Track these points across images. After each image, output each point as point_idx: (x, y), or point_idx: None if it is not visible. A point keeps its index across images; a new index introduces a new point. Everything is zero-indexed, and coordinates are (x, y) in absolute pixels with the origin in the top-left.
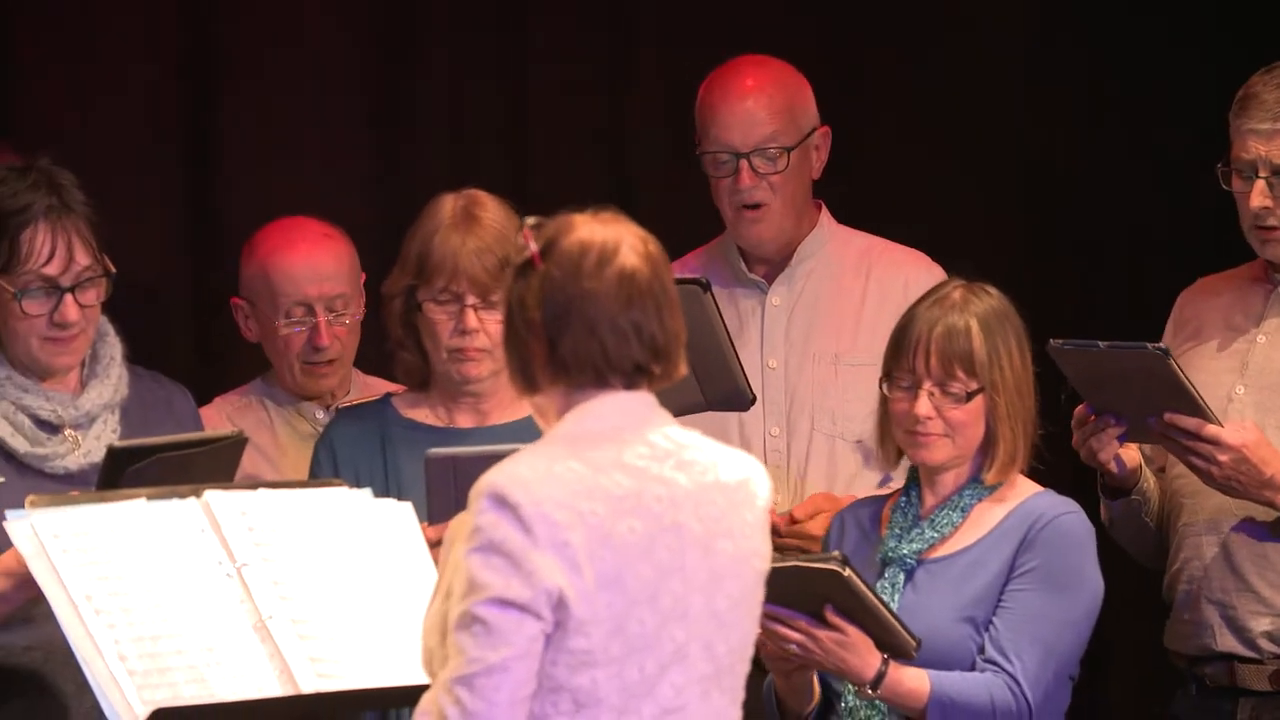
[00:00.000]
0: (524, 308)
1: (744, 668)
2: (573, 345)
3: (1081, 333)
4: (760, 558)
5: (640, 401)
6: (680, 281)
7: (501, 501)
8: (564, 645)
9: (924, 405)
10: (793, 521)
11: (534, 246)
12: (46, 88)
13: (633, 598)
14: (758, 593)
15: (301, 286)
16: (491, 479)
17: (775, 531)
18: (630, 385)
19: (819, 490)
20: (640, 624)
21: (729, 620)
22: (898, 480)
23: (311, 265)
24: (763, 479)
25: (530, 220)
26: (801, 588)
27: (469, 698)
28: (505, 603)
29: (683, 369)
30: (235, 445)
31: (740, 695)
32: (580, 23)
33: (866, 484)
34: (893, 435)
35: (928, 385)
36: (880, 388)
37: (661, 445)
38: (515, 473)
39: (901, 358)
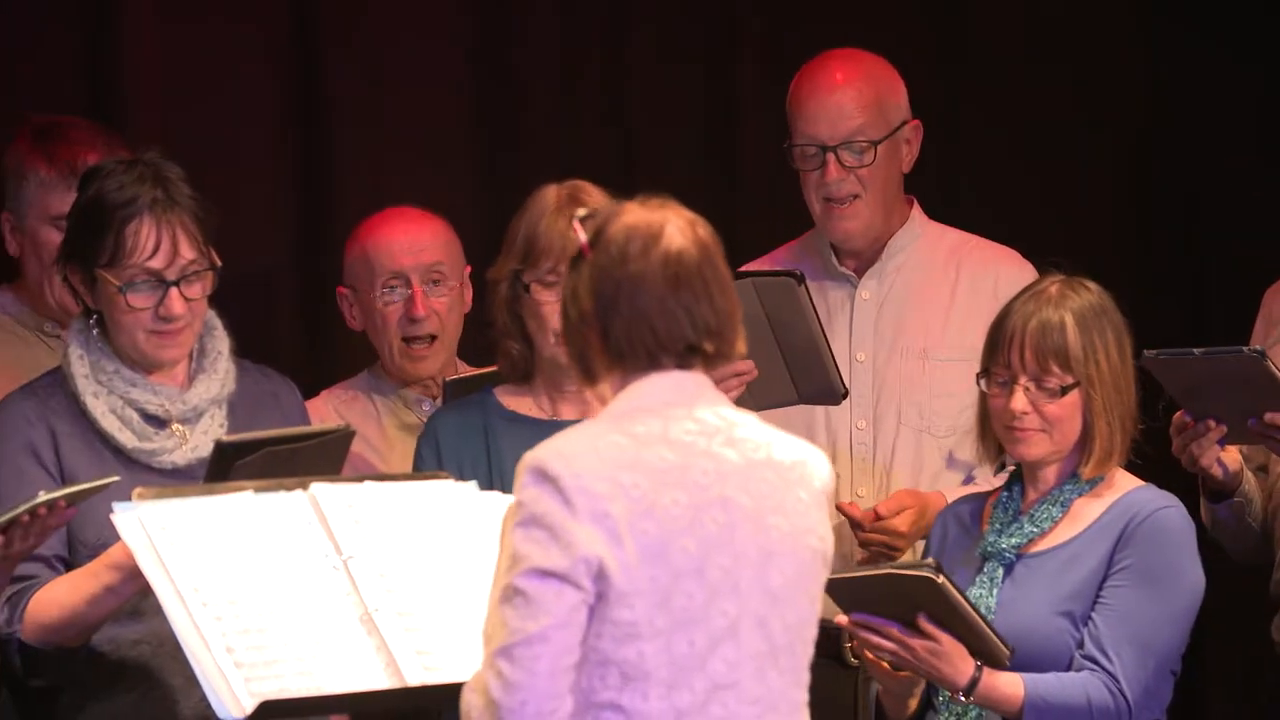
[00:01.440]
0: (577, 299)
1: (804, 649)
2: (624, 329)
3: (1187, 333)
4: (817, 536)
5: (692, 380)
6: (774, 274)
7: (542, 475)
8: (607, 617)
9: (1019, 400)
10: (877, 518)
11: (583, 237)
12: (157, 82)
13: (677, 570)
14: (816, 572)
15: (397, 257)
16: (534, 454)
17: (859, 526)
18: (683, 365)
19: (904, 484)
20: (688, 597)
21: (784, 598)
22: (981, 475)
23: (408, 237)
24: (821, 462)
25: (580, 212)
26: (895, 595)
27: (509, 668)
28: (544, 573)
29: (741, 347)
30: (343, 439)
31: (803, 678)
32: (686, 9)
33: (952, 479)
34: (992, 431)
35: (1023, 380)
36: (978, 383)
37: (711, 422)
38: (557, 447)
39: (997, 353)
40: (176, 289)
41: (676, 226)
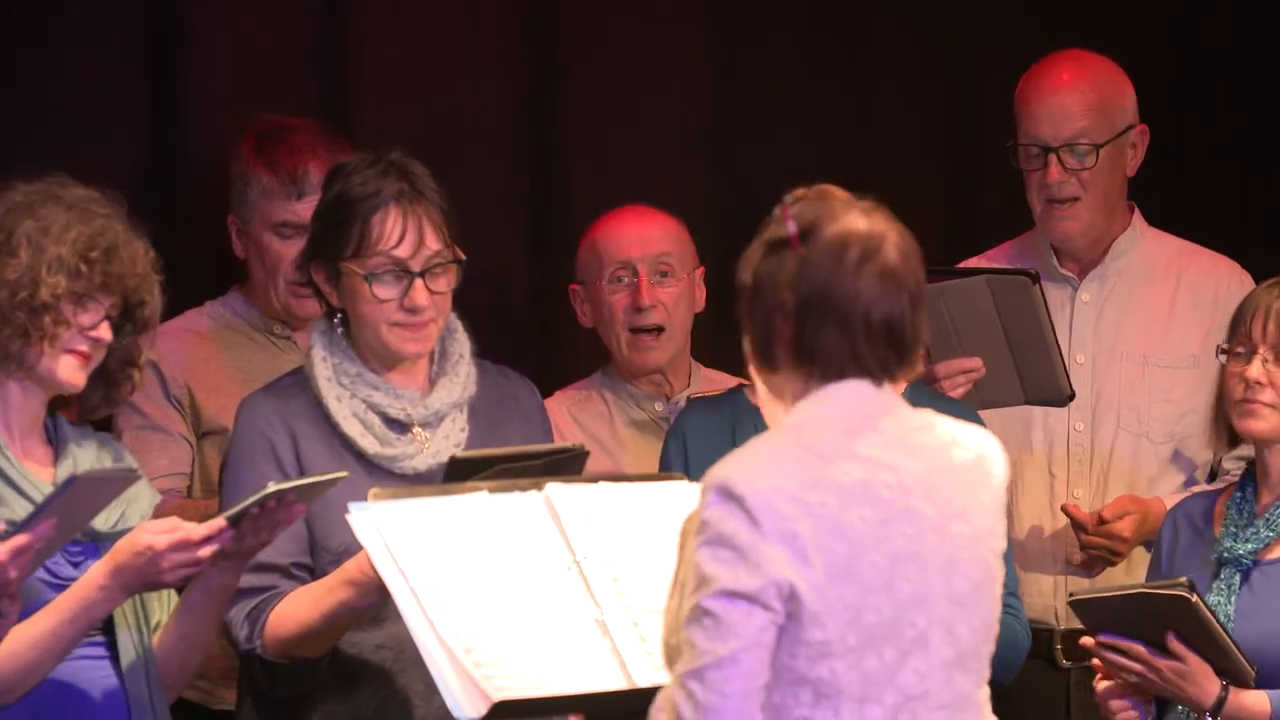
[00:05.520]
0: (775, 287)
1: (988, 649)
2: (822, 338)
3: None
4: (996, 538)
5: (869, 389)
6: (1009, 272)
7: (728, 494)
8: (800, 637)
9: (1256, 368)
10: (1100, 522)
11: (793, 227)
12: (389, 81)
13: (867, 587)
14: (996, 574)
15: (624, 248)
16: (719, 472)
17: (1083, 529)
18: (872, 381)
19: (1121, 488)
20: (876, 612)
21: (969, 603)
22: (1200, 479)
23: (635, 229)
24: (998, 457)
25: (789, 197)
26: (1144, 613)
27: (700, 691)
28: (734, 594)
29: (919, 369)
30: (576, 459)
31: (985, 676)
32: (919, 19)
33: (1169, 484)
34: (1224, 413)
35: (1263, 350)
36: (1218, 357)
37: (892, 431)
38: (742, 465)
39: (1239, 327)
40: (421, 280)
41: (894, 242)
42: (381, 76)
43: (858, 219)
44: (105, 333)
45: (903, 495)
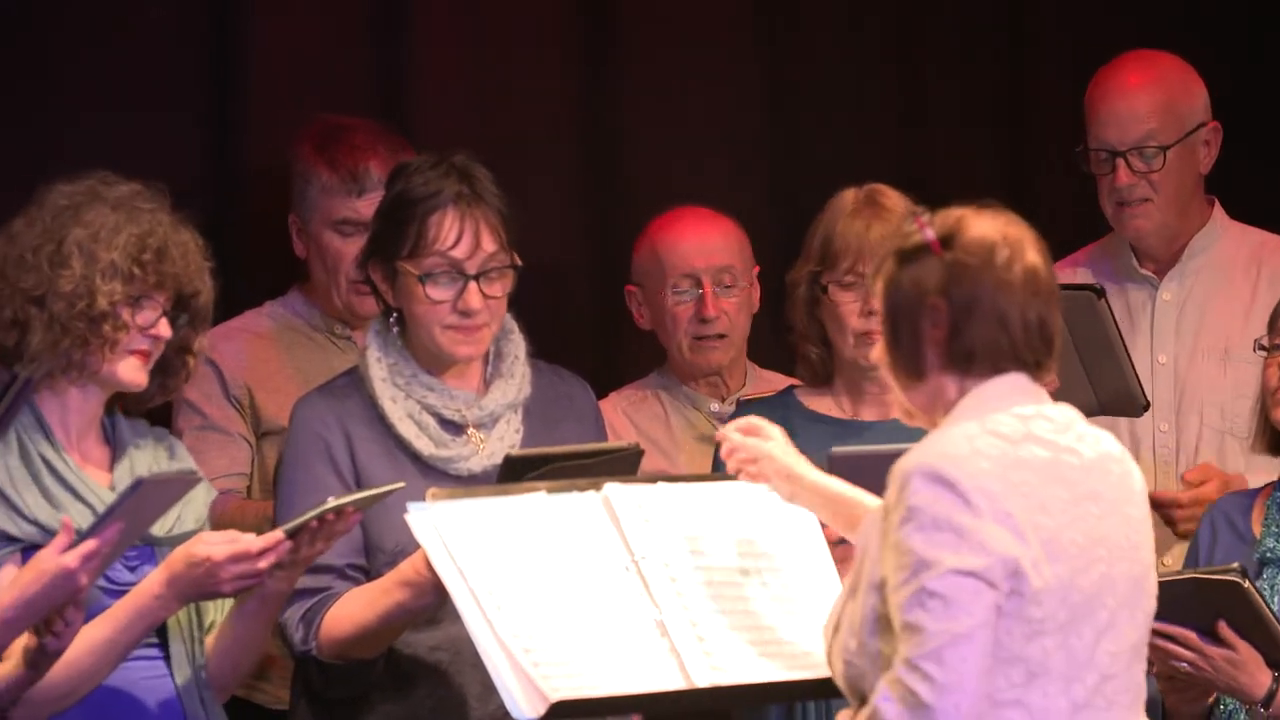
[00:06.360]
0: (921, 293)
1: (1148, 635)
2: (980, 335)
3: None
4: (1151, 526)
5: (1027, 382)
6: (1074, 287)
7: (936, 478)
8: (1021, 614)
9: None
10: (1184, 485)
11: (931, 234)
12: (448, 83)
13: (1072, 565)
14: (1154, 561)
15: (688, 258)
16: (918, 459)
17: (1177, 504)
18: (1029, 376)
19: None
20: (1080, 592)
21: (1145, 587)
22: None
23: (698, 238)
24: (1130, 456)
25: (918, 208)
26: (1195, 600)
27: (939, 671)
28: (962, 573)
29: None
30: (632, 457)
31: (1145, 665)
32: (971, 19)
33: (1255, 481)
34: (1266, 411)
35: None
36: (1255, 352)
37: (1060, 418)
38: (941, 450)
39: (1274, 323)
40: (476, 283)
41: (1032, 244)
42: (442, 78)
43: (993, 222)
44: (164, 329)
45: (1085, 477)
